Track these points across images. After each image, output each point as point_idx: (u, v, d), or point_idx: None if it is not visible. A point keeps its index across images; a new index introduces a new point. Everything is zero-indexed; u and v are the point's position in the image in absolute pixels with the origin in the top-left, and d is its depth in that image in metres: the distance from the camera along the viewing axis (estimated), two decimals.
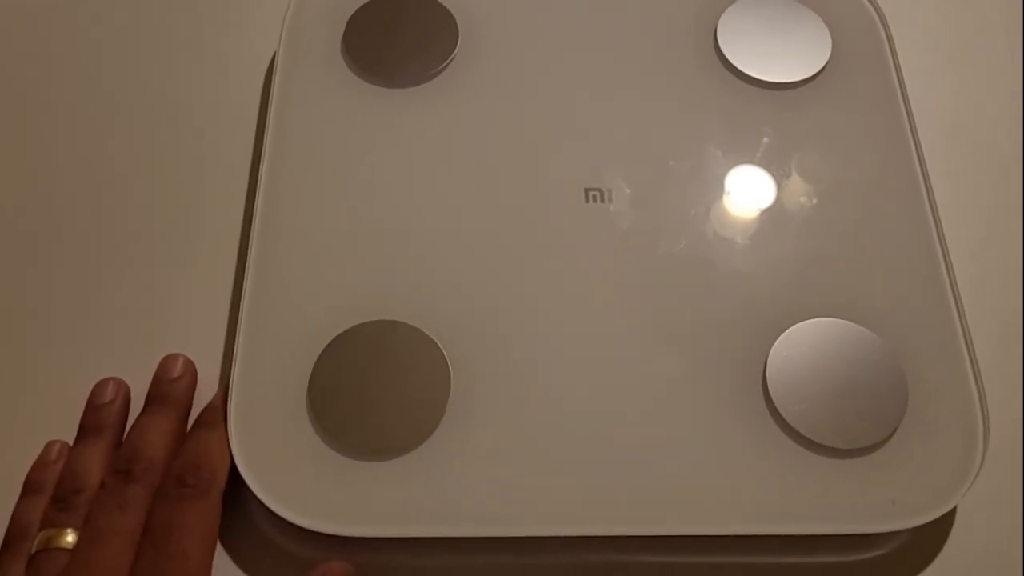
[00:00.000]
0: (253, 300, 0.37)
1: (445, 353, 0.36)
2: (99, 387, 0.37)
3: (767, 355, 0.37)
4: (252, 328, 0.37)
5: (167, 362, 0.38)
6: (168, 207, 0.42)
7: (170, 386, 0.37)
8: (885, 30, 0.45)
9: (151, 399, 0.37)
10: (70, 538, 0.32)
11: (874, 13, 0.46)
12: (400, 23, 0.45)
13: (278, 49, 0.43)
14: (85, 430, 0.36)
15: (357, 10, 0.45)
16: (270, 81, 0.43)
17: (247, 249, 0.38)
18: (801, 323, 0.37)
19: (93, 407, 0.37)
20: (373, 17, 0.45)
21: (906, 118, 0.43)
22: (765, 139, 0.43)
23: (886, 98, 0.43)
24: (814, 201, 0.41)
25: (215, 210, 0.42)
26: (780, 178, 0.42)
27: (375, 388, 0.36)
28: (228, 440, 0.35)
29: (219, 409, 0.36)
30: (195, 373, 0.38)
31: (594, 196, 0.40)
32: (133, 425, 0.36)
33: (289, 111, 0.42)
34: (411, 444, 0.35)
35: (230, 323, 0.39)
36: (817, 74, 0.44)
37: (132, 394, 0.37)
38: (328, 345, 0.36)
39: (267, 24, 0.45)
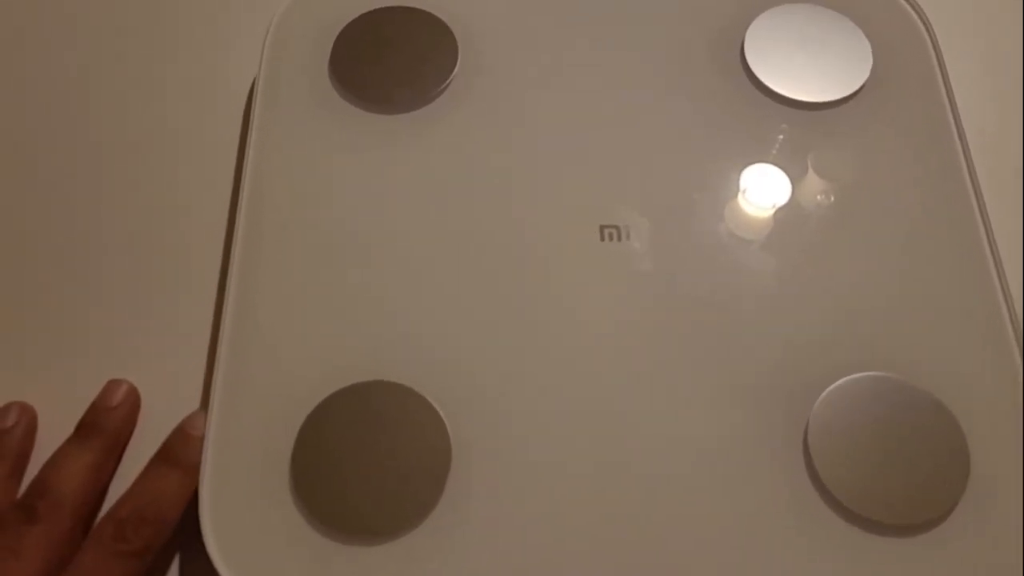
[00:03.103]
0: (230, 358, 0.35)
1: (445, 418, 0.34)
2: (0, 412, 0.35)
3: (808, 416, 0.34)
4: (228, 391, 0.35)
5: (108, 388, 0.36)
6: (146, 248, 0.40)
7: (104, 415, 0.35)
8: (932, 42, 0.43)
9: (80, 426, 0.35)
10: None
11: (920, 23, 0.44)
12: (392, 40, 0.42)
13: (259, 73, 0.41)
14: None
15: (345, 26, 0.43)
16: (250, 109, 0.41)
17: (224, 298, 0.36)
18: (847, 379, 0.35)
19: None
20: (363, 34, 0.42)
21: (958, 142, 0.40)
22: (800, 167, 0.40)
23: (935, 119, 0.41)
24: (858, 238, 0.38)
25: (192, 253, 0.40)
26: (818, 212, 0.39)
27: (365, 460, 0.33)
28: (190, 485, 0.32)
29: (191, 442, 0.33)
30: (137, 404, 0.36)
31: (610, 234, 0.38)
32: (52, 454, 0.34)
33: (271, 143, 0.40)
34: (407, 525, 0.32)
35: (205, 381, 0.36)
36: (857, 92, 0.42)
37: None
38: (312, 411, 0.34)
39: (248, 45, 0.43)
